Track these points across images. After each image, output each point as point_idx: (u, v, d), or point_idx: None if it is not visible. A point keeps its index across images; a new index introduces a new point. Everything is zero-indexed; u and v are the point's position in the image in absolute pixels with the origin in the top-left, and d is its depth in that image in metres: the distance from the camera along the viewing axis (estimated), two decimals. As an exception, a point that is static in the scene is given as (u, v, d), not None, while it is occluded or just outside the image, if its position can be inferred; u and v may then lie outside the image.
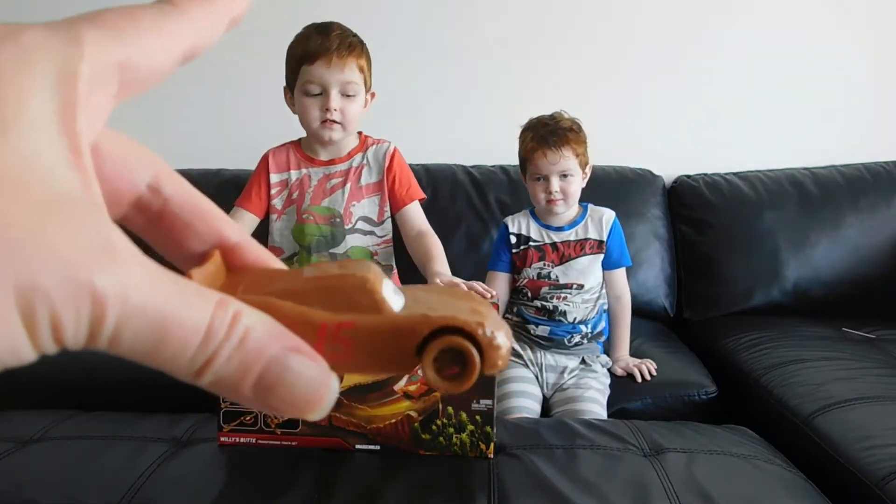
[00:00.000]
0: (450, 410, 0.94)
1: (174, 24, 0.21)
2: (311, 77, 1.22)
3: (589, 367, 1.44)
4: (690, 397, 1.41)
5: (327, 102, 1.22)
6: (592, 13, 2.04)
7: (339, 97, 1.23)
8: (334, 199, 1.31)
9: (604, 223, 1.47)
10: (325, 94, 1.22)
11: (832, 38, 2.03)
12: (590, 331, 1.47)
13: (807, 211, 1.85)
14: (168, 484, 0.90)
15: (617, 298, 1.50)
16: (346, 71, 1.22)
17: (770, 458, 1.00)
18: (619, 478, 0.91)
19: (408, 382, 0.94)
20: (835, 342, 1.53)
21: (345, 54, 1.22)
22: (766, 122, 2.07)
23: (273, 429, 0.96)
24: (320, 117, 1.24)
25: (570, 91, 2.04)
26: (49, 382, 1.54)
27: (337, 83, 1.22)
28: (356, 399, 0.95)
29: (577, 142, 1.41)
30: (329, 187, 1.31)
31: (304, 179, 1.32)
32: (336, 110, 1.22)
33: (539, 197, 1.44)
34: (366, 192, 1.32)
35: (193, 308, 0.18)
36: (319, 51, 1.21)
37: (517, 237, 1.49)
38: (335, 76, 1.21)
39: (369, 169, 1.33)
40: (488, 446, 0.95)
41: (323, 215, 1.31)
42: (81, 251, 0.17)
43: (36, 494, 0.87)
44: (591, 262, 1.46)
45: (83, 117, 0.19)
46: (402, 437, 0.95)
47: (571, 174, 1.41)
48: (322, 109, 1.23)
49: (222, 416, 0.97)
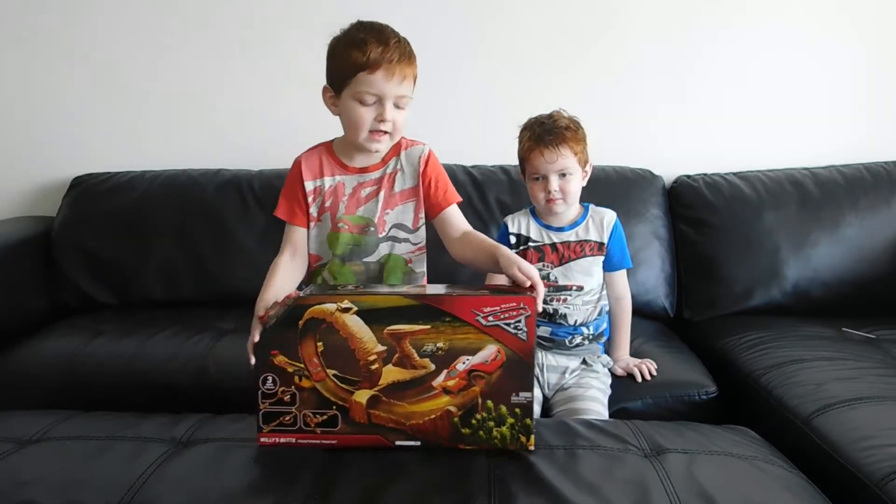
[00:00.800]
0: (489, 404, 0.95)
1: None
2: (369, 87, 1.17)
3: (590, 368, 1.44)
4: (690, 397, 1.41)
5: (383, 114, 1.18)
6: (592, 13, 2.04)
7: (392, 109, 1.19)
8: (368, 209, 1.27)
9: (605, 225, 1.46)
10: (381, 105, 1.18)
11: (832, 38, 2.03)
12: (591, 332, 1.47)
13: (807, 211, 1.85)
14: (168, 484, 0.90)
15: (617, 300, 1.50)
16: (403, 83, 1.18)
17: (771, 458, 1.00)
18: (620, 478, 0.91)
19: (446, 378, 0.94)
20: (835, 342, 1.53)
21: (405, 65, 1.17)
22: (766, 122, 2.07)
23: (313, 428, 0.97)
24: (372, 127, 1.19)
25: (570, 91, 2.04)
26: (49, 383, 1.54)
27: (393, 95, 1.18)
28: (395, 396, 0.95)
29: (575, 140, 1.40)
30: (363, 196, 1.27)
31: (337, 187, 1.27)
32: (390, 121, 1.19)
33: (538, 196, 1.44)
34: (400, 199, 1.28)
35: None
36: (381, 61, 1.15)
37: (517, 237, 1.48)
38: (393, 89, 1.17)
39: (403, 174, 1.28)
40: (528, 438, 0.95)
41: (357, 224, 1.27)
42: None
43: (36, 494, 0.87)
44: (591, 264, 1.45)
45: None
46: (441, 432, 0.95)
47: (570, 173, 1.41)
48: (377, 120, 1.19)
49: (262, 417, 0.97)
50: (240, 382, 1.50)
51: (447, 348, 0.93)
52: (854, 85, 2.04)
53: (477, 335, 0.93)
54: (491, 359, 0.93)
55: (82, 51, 2.10)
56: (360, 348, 0.94)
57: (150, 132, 2.15)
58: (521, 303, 0.92)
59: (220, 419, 1.09)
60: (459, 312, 0.92)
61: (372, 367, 0.94)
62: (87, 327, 1.73)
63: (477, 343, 0.93)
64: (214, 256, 1.92)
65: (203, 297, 1.93)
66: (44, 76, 2.12)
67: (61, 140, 2.15)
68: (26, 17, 2.09)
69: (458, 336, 0.93)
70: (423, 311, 0.93)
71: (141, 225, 1.95)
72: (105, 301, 1.94)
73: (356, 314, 0.93)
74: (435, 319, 0.93)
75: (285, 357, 0.95)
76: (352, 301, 0.93)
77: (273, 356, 0.95)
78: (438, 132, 2.11)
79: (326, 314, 0.93)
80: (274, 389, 0.95)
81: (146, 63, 2.10)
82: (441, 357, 0.93)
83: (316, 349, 0.94)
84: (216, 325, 1.73)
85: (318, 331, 0.94)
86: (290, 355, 0.94)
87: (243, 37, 2.09)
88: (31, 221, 2.07)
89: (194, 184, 1.99)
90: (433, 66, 2.09)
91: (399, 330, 0.93)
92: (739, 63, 2.04)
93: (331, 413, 0.96)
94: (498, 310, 0.92)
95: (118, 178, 2.03)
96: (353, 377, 0.95)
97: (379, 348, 0.94)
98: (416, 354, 0.93)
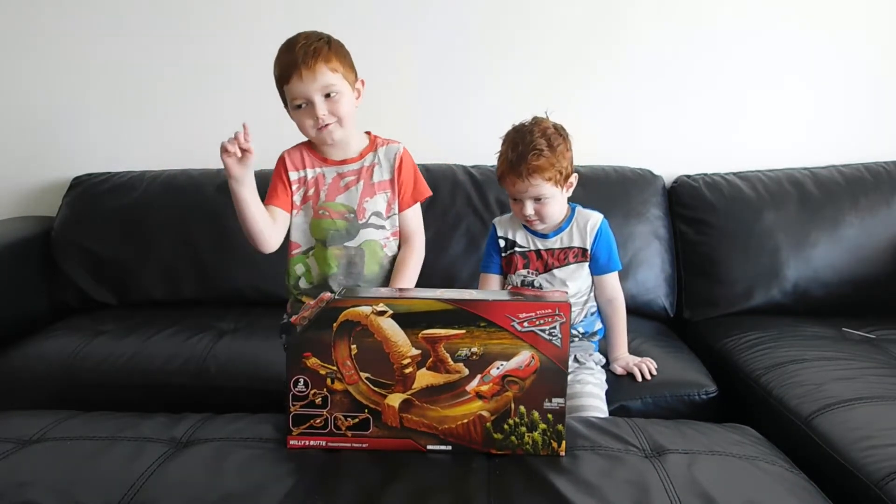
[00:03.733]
0: (522, 410, 0.95)
1: None
2: (293, 94, 1.29)
3: (583, 365, 1.43)
4: (690, 397, 1.41)
5: (314, 112, 1.28)
6: (592, 13, 2.04)
7: (323, 103, 1.28)
8: (349, 196, 1.36)
9: (588, 229, 1.44)
10: (311, 105, 1.28)
11: (832, 38, 2.03)
12: (582, 332, 1.46)
13: (807, 211, 1.85)
14: (168, 484, 0.90)
15: (609, 302, 1.48)
16: (319, 78, 1.27)
17: (772, 458, 1.00)
18: (620, 478, 0.90)
19: (480, 383, 0.94)
20: (835, 342, 1.53)
21: (311, 63, 1.26)
22: (766, 122, 2.06)
23: (343, 431, 0.97)
24: (314, 125, 1.30)
25: (569, 91, 2.04)
26: (49, 383, 1.54)
27: (316, 91, 1.27)
28: (428, 400, 0.95)
29: (549, 165, 1.34)
30: (343, 185, 1.37)
31: (318, 178, 1.37)
32: (325, 115, 1.28)
33: (518, 215, 1.44)
34: (378, 189, 1.38)
35: None
36: (289, 68, 1.27)
37: (505, 241, 1.48)
38: (311, 86, 1.27)
39: (380, 167, 1.39)
40: (560, 444, 0.95)
41: (338, 211, 1.36)
42: None
43: (36, 494, 0.87)
44: (575, 270, 1.44)
45: None
46: (474, 436, 0.96)
47: (546, 197, 1.38)
48: (313, 118, 1.29)
49: (291, 420, 0.97)
50: (240, 382, 1.51)
51: (481, 353, 0.93)
52: (854, 85, 2.04)
53: (512, 340, 0.93)
54: (525, 364, 0.93)
55: (82, 51, 2.10)
56: (395, 352, 0.94)
57: (150, 132, 2.15)
58: (556, 309, 0.92)
59: (220, 419, 1.09)
60: (495, 317, 0.92)
61: (406, 371, 0.94)
62: (87, 327, 1.73)
63: (511, 348, 0.93)
64: (214, 256, 1.92)
65: (203, 297, 1.93)
66: (44, 76, 2.12)
67: (61, 140, 2.15)
68: (26, 17, 2.09)
69: (493, 341, 0.93)
70: (458, 316, 0.93)
71: (141, 225, 1.95)
72: (105, 301, 1.94)
73: (391, 317, 0.93)
74: (470, 324, 0.93)
75: (318, 360, 0.95)
76: (387, 304, 0.93)
77: (306, 358, 0.95)
78: (438, 132, 2.12)
79: (361, 317, 0.93)
80: (305, 392, 0.95)
81: (146, 63, 2.10)
82: (475, 362, 0.94)
83: (350, 352, 0.94)
84: (216, 325, 1.73)
85: (352, 333, 0.94)
86: (323, 358, 0.94)
87: (243, 37, 2.09)
88: (31, 221, 2.07)
89: (194, 184, 1.99)
90: (433, 66, 2.11)
91: (434, 334, 0.93)
92: (740, 63, 2.04)
93: (362, 416, 0.96)
94: (533, 315, 0.92)
95: (118, 178, 2.03)
96: (386, 380, 0.95)
97: (413, 352, 0.94)
98: (450, 359, 0.94)
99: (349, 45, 1.37)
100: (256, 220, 1.29)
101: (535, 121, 1.41)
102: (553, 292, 1.00)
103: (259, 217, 1.29)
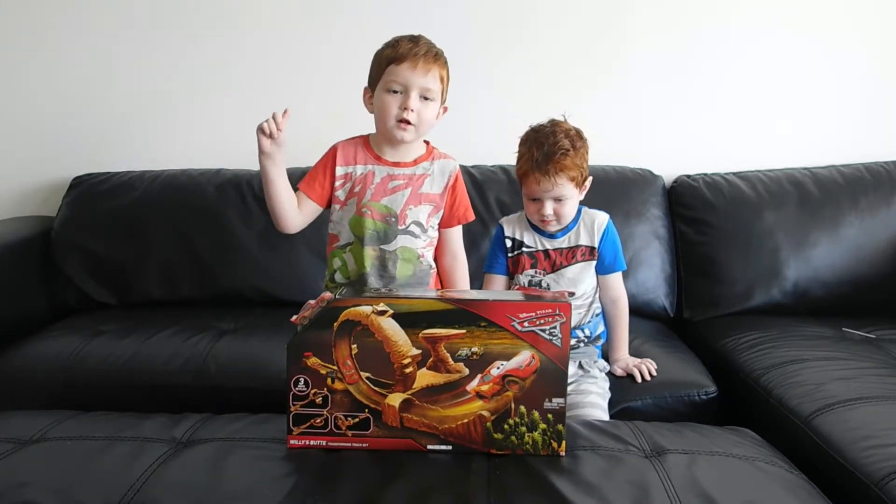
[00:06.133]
0: (522, 410, 0.95)
1: None
2: (396, 77, 1.30)
3: (588, 373, 1.42)
4: (690, 397, 1.41)
5: (406, 102, 1.30)
6: (592, 13, 2.04)
7: (417, 99, 1.31)
8: (393, 199, 1.37)
9: (596, 228, 1.45)
10: (406, 94, 1.30)
11: (833, 39, 2.03)
12: (587, 335, 1.46)
13: (807, 211, 1.85)
14: (168, 484, 0.90)
15: (613, 302, 1.48)
16: (428, 76, 1.30)
17: (772, 459, 1.00)
18: (620, 479, 0.91)
19: (480, 382, 0.94)
20: (835, 342, 1.53)
21: (430, 61, 1.30)
22: (766, 122, 2.06)
23: (343, 431, 0.97)
24: (397, 115, 1.31)
25: (569, 91, 2.04)
26: (49, 383, 1.54)
27: (418, 86, 1.30)
28: (429, 400, 0.95)
29: (573, 165, 1.36)
30: (391, 187, 1.38)
31: (367, 175, 1.38)
32: (413, 111, 1.30)
33: (533, 216, 1.44)
34: (424, 200, 1.39)
35: None
36: (408, 54, 1.29)
37: (512, 241, 1.48)
38: (418, 79, 1.30)
39: (432, 179, 1.40)
40: (560, 444, 0.95)
41: (380, 212, 1.37)
42: None
43: (36, 494, 0.87)
44: (583, 269, 1.44)
45: None
46: (474, 436, 0.96)
47: (567, 197, 1.39)
48: (400, 108, 1.31)
49: (292, 419, 0.97)
50: (240, 382, 1.51)
51: (482, 353, 0.94)
52: (854, 85, 2.04)
53: (512, 340, 0.93)
54: (525, 364, 0.94)
55: (82, 51, 2.10)
56: (395, 351, 0.94)
57: (149, 132, 2.15)
58: (556, 309, 0.92)
59: (220, 419, 1.09)
60: (495, 317, 0.93)
61: (406, 371, 0.94)
62: (86, 327, 1.73)
63: (512, 348, 0.93)
64: (214, 256, 1.92)
65: (203, 297, 1.92)
66: (44, 77, 2.12)
67: (61, 140, 2.15)
68: (25, 16, 2.09)
69: (494, 341, 0.93)
70: (459, 316, 0.93)
71: (141, 225, 1.95)
72: (105, 301, 1.94)
73: (392, 317, 0.93)
74: (471, 324, 0.93)
75: (318, 359, 0.95)
76: (388, 304, 0.93)
77: (306, 358, 0.95)
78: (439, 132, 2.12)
79: (362, 316, 0.93)
80: (306, 392, 0.96)
81: (146, 63, 2.10)
82: (475, 361, 0.94)
83: (350, 351, 0.94)
84: (216, 325, 1.73)
85: (352, 333, 0.94)
86: (324, 357, 0.95)
87: (243, 37, 2.09)
88: (31, 221, 2.06)
89: (194, 184, 1.99)
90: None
91: (434, 334, 0.93)
92: (740, 63, 2.04)
93: (363, 416, 0.96)
94: (534, 315, 0.93)
95: (118, 178, 2.03)
96: (386, 380, 0.95)
97: (414, 352, 0.94)
98: (450, 358, 0.94)
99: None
100: (281, 201, 1.32)
101: (554, 122, 1.42)
102: (553, 292, 1.00)
103: (284, 199, 1.32)
